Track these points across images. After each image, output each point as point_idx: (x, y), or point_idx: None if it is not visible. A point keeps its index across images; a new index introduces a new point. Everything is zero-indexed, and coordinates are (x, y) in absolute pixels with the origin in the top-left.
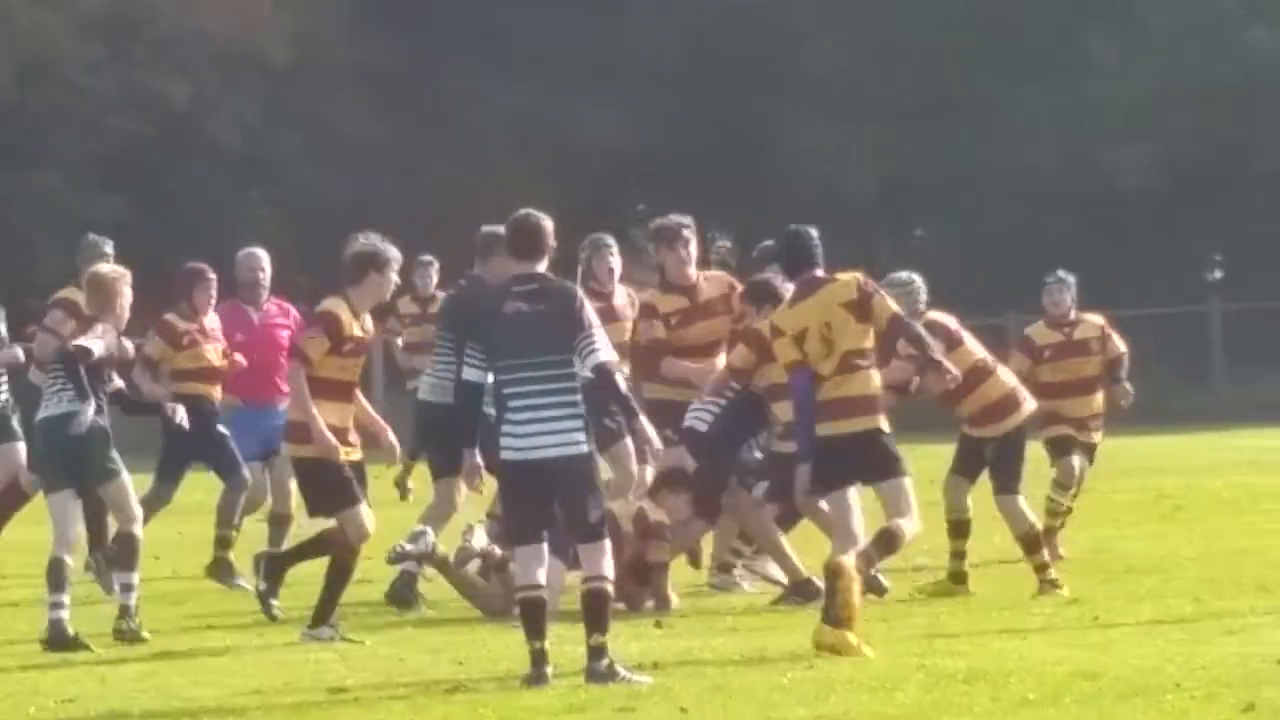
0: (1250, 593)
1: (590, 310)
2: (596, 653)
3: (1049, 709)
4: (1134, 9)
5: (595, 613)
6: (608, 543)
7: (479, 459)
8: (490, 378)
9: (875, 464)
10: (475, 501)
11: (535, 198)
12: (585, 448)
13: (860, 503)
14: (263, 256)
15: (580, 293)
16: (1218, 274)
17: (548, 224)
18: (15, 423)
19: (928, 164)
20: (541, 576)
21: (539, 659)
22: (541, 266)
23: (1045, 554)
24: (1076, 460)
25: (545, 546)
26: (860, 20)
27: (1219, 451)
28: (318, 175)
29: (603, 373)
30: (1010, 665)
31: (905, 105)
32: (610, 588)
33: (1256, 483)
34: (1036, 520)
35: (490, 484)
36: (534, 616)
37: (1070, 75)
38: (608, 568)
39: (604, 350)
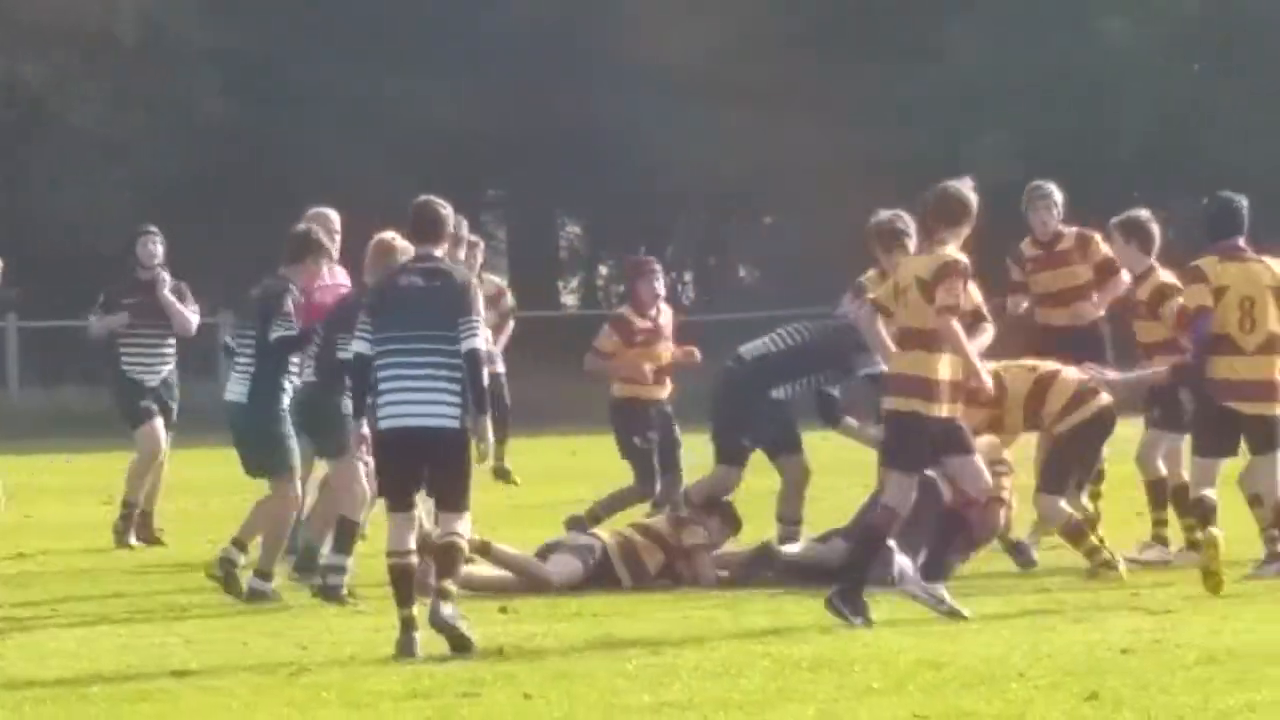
0: (1096, 582)
1: (480, 300)
2: (443, 594)
3: (894, 697)
4: None
5: (446, 562)
6: (468, 516)
7: (366, 430)
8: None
9: (1263, 439)
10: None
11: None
12: (456, 423)
13: None
14: (335, 219)
15: (474, 282)
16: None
17: (447, 211)
18: None
19: (778, 152)
20: (411, 543)
21: (407, 625)
22: (439, 250)
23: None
24: None
25: (416, 514)
26: (711, 6)
27: None
28: (171, 155)
29: (471, 359)
30: (856, 653)
31: (756, 93)
32: (465, 545)
33: (1112, 472)
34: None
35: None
36: (402, 583)
37: (924, 64)
38: (464, 530)
39: (480, 339)
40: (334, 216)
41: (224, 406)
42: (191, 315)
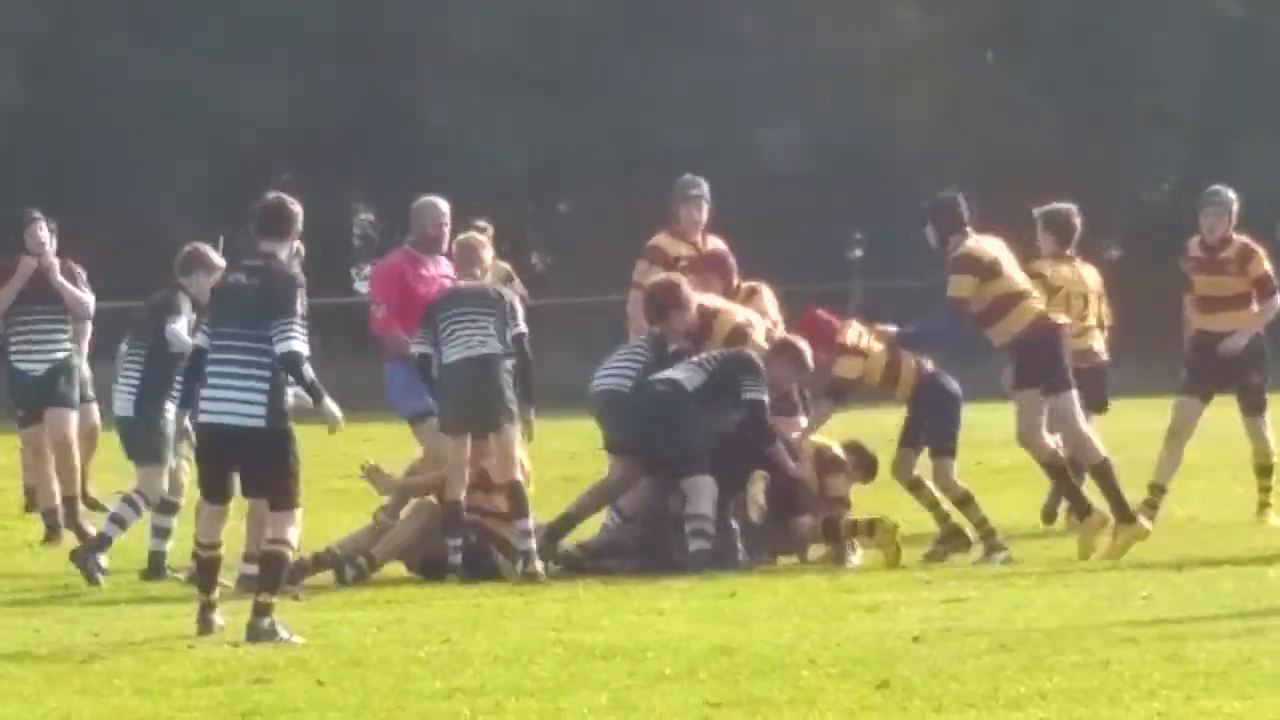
0: (888, 574)
1: (302, 302)
2: (261, 609)
3: (686, 684)
4: None
5: (268, 572)
6: (297, 514)
7: (188, 422)
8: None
9: None
10: None
11: (183, 167)
12: (263, 422)
13: None
14: (444, 208)
15: (296, 280)
16: (858, 252)
17: (293, 208)
18: None
19: (575, 140)
20: (219, 536)
21: (205, 609)
22: (282, 249)
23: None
24: None
25: (227, 509)
26: None
27: (854, 426)
28: None
29: (289, 360)
30: (648, 640)
31: (553, 81)
32: (290, 554)
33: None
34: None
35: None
36: (206, 573)
37: (718, 53)
38: (292, 535)
39: (296, 341)
40: (443, 206)
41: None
42: (86, 297)
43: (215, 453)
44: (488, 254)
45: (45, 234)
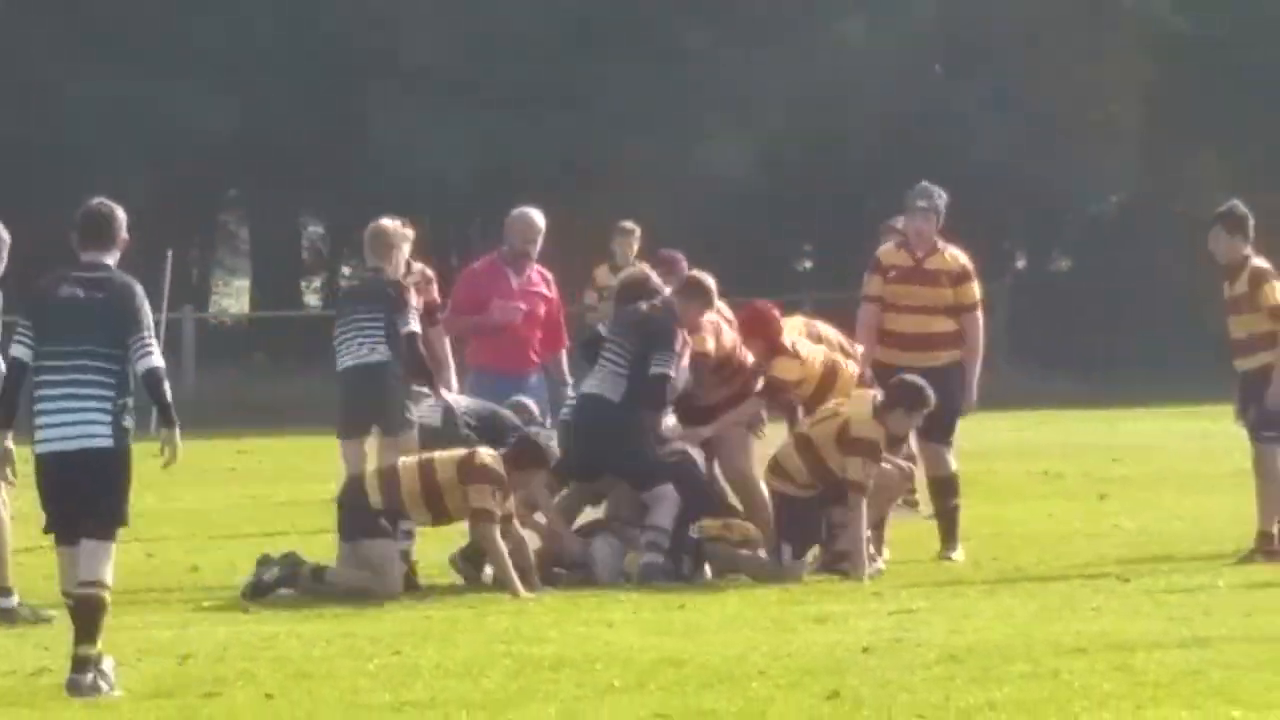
0: (838, 585)
1: (149, 312)
2: (81, 663)
3: (635, 695)
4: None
5: (86, 621)
6: (113, 546)
7: (9, 443)
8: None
9: None
10: None
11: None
12: (110, 442)
13: None
14: (539, 224)
15: (141, 292)
16: (808, 264)
17: (119, 214)
18: None
19: (524, 153)
20: (84, 575)
21: (80, 664)
22: (110, 257)
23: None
24: None
25: (81, 548)
26: (460, 8)
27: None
28: None
29: (151, 377)
30: (596, 652)
31: (502, 94)
32: (107, 596)
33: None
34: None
35: None
36: (81, 617)
37: (667, 66)
38: (107, 573)
39: (156, 355)
40: (538, 221)
41: None
42: None
43: (63, 484)
44: (399, 252)
45: None
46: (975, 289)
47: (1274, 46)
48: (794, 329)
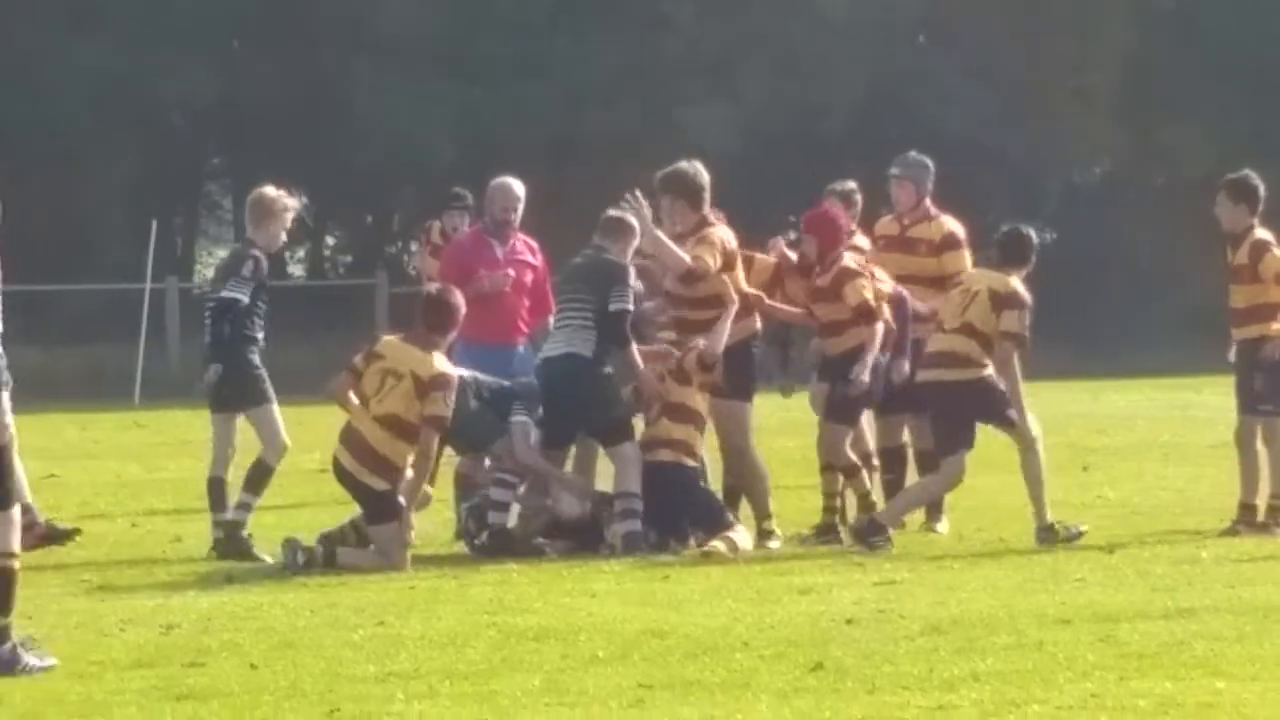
0: (822, 555)
1: None
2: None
3: (618, 666)
4: None
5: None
6: (15, 513)
7: None
8: None
9: None
10: None
11: (112, 153)
12: None
13: None
14: (518, 193)
15: None
16: (791, 235)
17: None
18: None
19: (506, 124)
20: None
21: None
22: None
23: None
24: None
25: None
26: None
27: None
28: None
29: None
30: (580, 623)
31: (483, 65)
32: (16, 565)
33: (783, 446)
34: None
35: None
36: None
37: (648, 35)
38: (14, 543)
39: None
40: (517, 190)
41: None
42: None
43: None
44: (276, 221)
45: None
46: (960, 259)
47: (1256, 16)
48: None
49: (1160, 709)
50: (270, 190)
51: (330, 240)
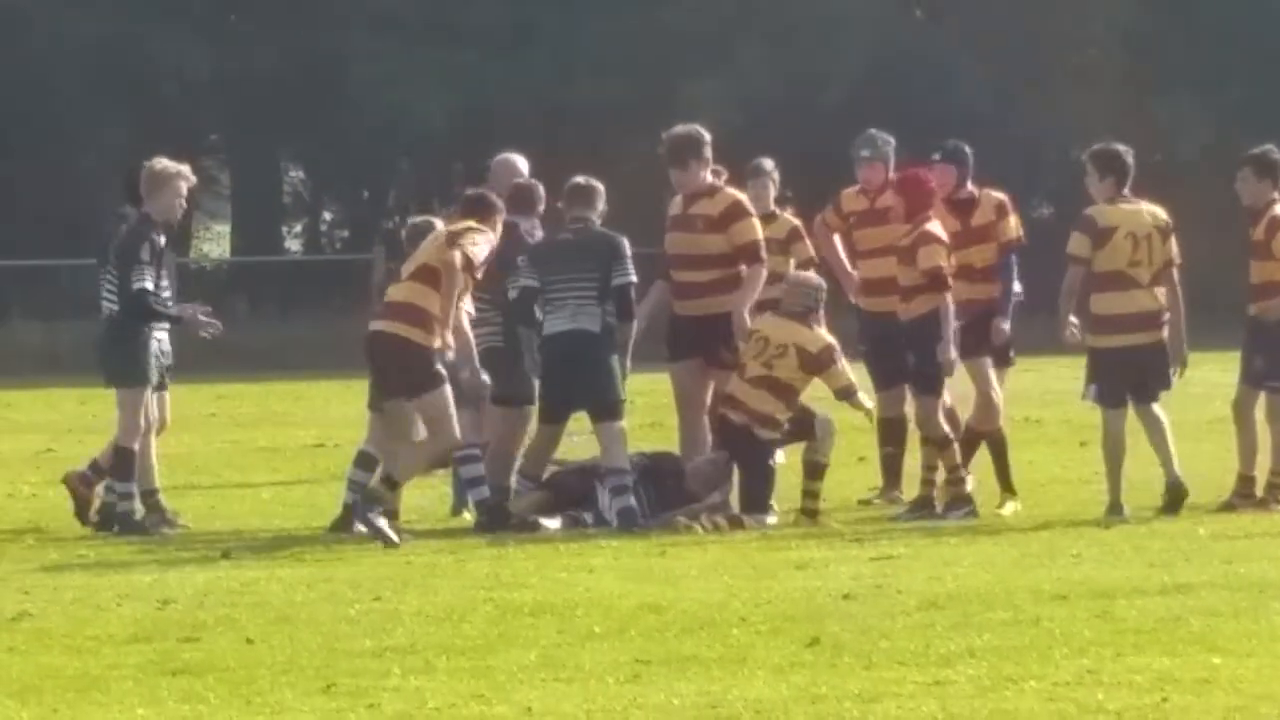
0: (816, 533)
1: None
2: None
3: (615, 641)
4: None
5: None
6: None
7: None
8: None
9: None
10: None
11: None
12: None
13: None
14: (523, 169)
15: None
16: (788, 211)
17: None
18: None
19: (502, 94)
20: None
21: None
22: None
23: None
24: None
25: None
26: None
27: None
28: None
29: None
30: (577, 598)
31: (478, 35)
32: None
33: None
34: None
35: None
36: None
37: (646, 5)
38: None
39: None
40: (520, 165)
41: None
42: None
43: None
44: (170, 189)
45: None
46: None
47: None
48: None
49: (1157, 684)
50: (161, 160)
51: (327, 215)
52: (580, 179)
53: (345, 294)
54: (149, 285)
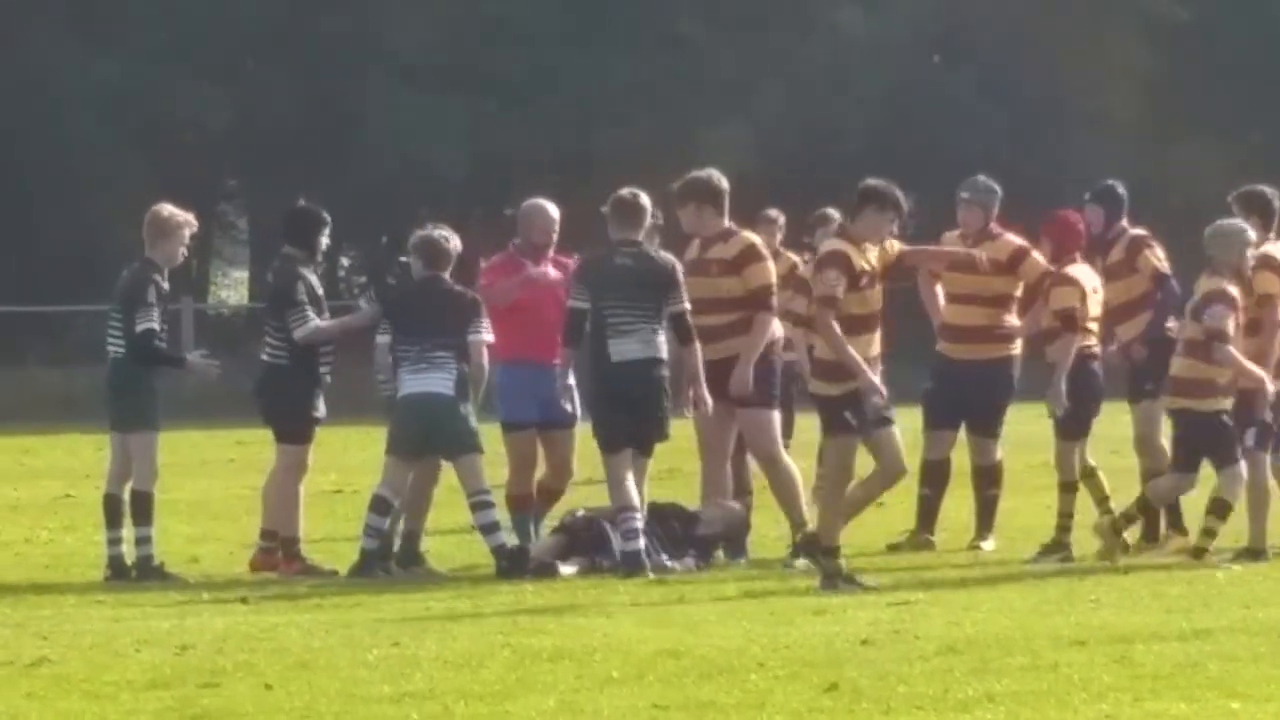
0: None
1: None
2: None
3: (633, 687)
4: None
5: None
6: None
7: None
8: None
9: None
10: None
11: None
12: None
13: None
14: (554, 215)
15: None
16: (805, 257)
17: None
18: None
19: (520, 142)
20: None
21: None
22: None
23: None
24: None
25: None
26: None
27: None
28: None
29: None
30: (595, 643)
31: (497, 83)
32: None
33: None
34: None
35: None
36: None
37: (663, 54)
38: None
39: None
40: (552, 212)
41: None
42: None
43: None
44: (174, 238)
45: None
46: (1036, 263)
47: (1272, 36)
48: None
49: None
50: (166, 208)
51: (345, 261)
52: (625, 193)
53: (364, 341)
54: (155, 326)
